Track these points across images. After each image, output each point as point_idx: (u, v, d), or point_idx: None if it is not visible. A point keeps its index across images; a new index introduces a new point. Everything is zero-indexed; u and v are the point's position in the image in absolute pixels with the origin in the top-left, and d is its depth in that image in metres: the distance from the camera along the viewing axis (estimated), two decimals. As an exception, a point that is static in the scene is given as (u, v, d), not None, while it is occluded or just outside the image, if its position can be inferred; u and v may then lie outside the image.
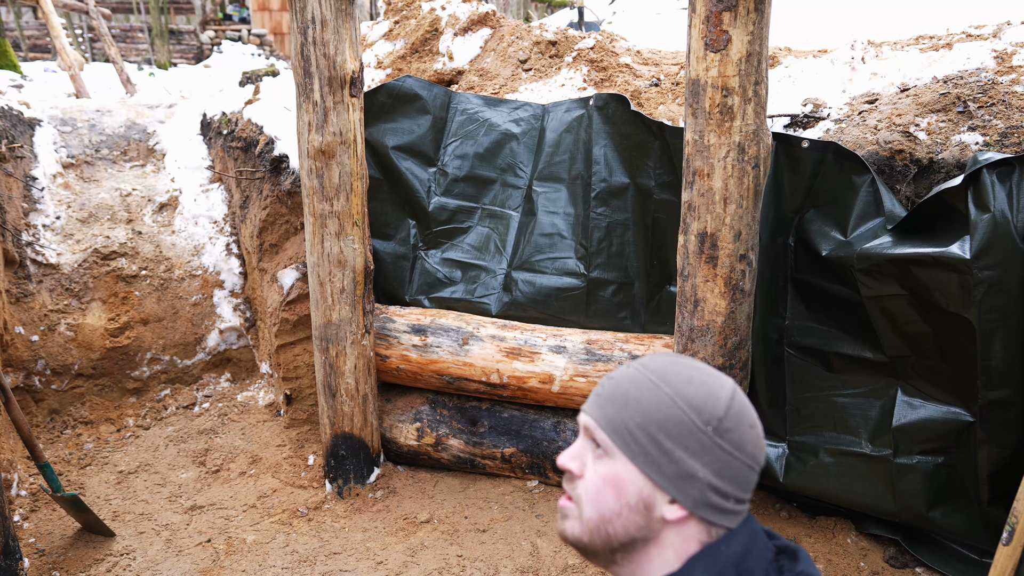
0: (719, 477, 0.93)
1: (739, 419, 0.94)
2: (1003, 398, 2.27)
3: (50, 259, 4.06)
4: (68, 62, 8.03)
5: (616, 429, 0.95)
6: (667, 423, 0.93)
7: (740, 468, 0.94)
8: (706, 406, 0.93)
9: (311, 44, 2.76)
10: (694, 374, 0.96)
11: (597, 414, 0.97)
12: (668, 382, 0.95)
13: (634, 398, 0.95)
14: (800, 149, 2.62)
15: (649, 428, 0.94)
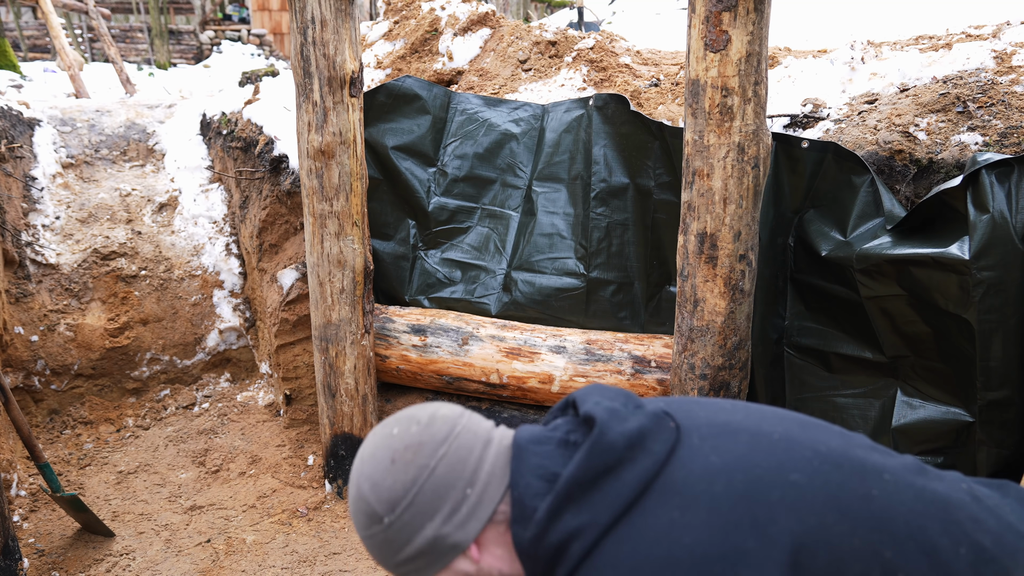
0: (440, 516, 0.94)
1: (397, 486, 0.95)
2: (1002, 398, 2.27)
3: (50, 259, 4.06)
4: (68, 62, 8.03)
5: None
6: (381, 554, 0.97)
7: (439, 492, 0.94)
8: (372, 515, 0.96)
9: (311, 44, 2.76)
10: (351, 502, 1.00)
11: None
12: (356, 526, 1.00)
13: (372, 555, 1.00)
14: (800, 149, 2.62)
15: (390, 564, 0.98)
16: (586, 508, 0.87)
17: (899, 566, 0.84)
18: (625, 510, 0.87)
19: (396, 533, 0.95)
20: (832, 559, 0.83)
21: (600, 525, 0.87)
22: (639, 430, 0.92)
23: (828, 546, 0.84)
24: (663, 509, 0.86)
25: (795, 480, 0.88)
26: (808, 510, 0.85)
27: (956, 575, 0.86)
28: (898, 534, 0.86)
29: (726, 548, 0.82)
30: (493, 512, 0.95)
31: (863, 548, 0.85)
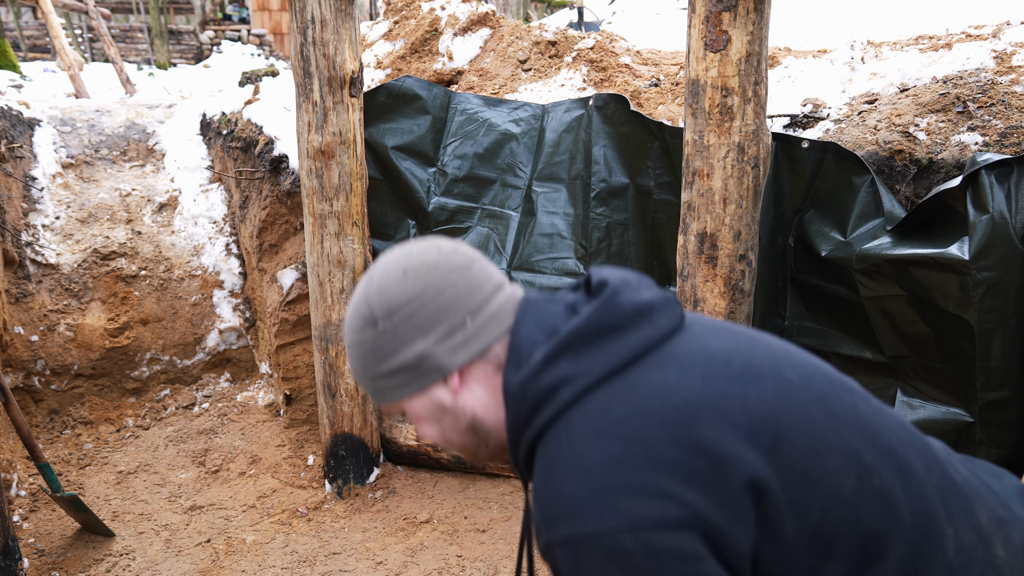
0: (434, 334, 0.94)
1: (401, 295, 0.95)
2: (1002, 398, 2.27)
3: (49, 259, 4.06)
4: (68, 62, 8.03)
5: (373, 394, 1.00)
6: (364, 362, 0.98)
7: (440, 312, 0.94)
8: (368, 318, 0.96)
9: (311, 44, 2.76)
10: (352, 305, 1.00)
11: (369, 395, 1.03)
12: (347, 330, 1.01)
13: (353, 365, 1.01)
14: (800, 149, 2.62)
15: (369, 375, 0.98)
16: (583, 359, 0.88)
17: (875, 472, 0.86)
18: (620, 367, 0.88)
19: (387, 341, 0.95)
20: (813, 450, 0.84)
21: (594, 375, 0.87)
22: (649, 302, 0.93)
23: (811, 437, 0.85)
24: (659, 371, 0.87)
25: (788, 376, 0.90)
26: (796, 403, 0.87)
27: (926, 497, 0.87)
28: (879, 446, 0.88)
29: (709, 402, 0.85)
30: (486, 348, 0.96)
31: (844, 447, 0.86)
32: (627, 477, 0.80)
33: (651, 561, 0.77)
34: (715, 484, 0.80)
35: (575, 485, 0.81)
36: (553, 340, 0.90)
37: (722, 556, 0.80)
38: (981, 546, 0.88)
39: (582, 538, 0.79)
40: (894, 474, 0.87)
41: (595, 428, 0.84)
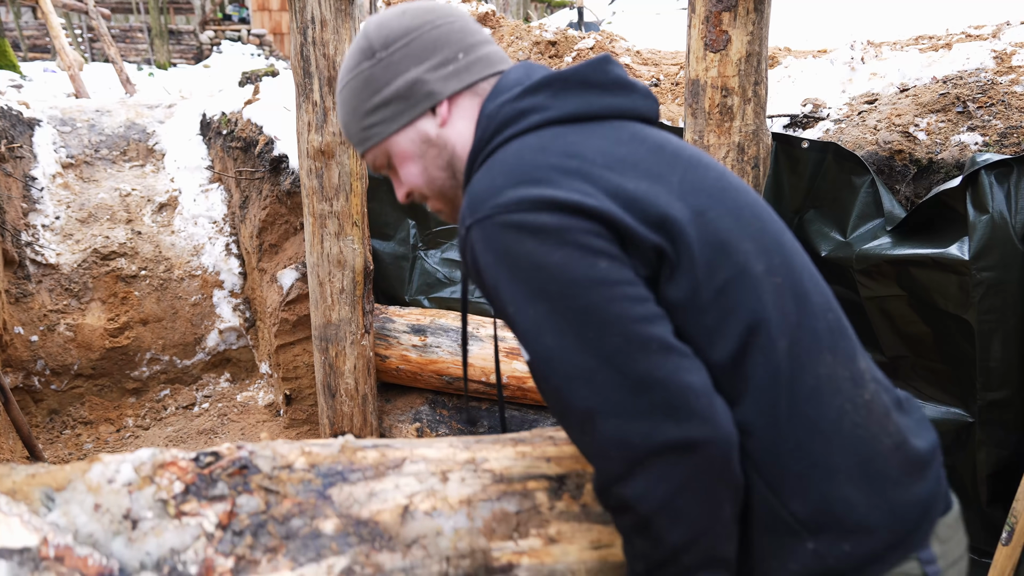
0: (428, 63, 1.01)
1: (399, 27, 1.02)
2: (1002, 399, 2.27)
3: (49, 259, 4.06)
4: (67, 62, 8.03)
5: (360, 139, 1.06)
6: (358, 98, 1.03)
7: (435, 44, 1.01)
8: (366, 50, 1.03)
9: (311, 44, 2.76)
10: (350, 47, 1.07)
11: (355, 146, 1.09)
12: (342, 73, 1.07)
13: (343, 112, 1.07)
14: (800, 149, 2.62)
15: (359, 112, 1.04)
16: (560, 97, 0.96)
17: (779, 275, 0.90)
18: (587, 116, 0.96)
19: (382, 70, 1.02)
20: (734, 229, 0.89)
21: (563, 111, 0.94)
22: (633, 83, 1.02)
23: (735, 221, 0.91)
24: (608, 131, 0.95)
25: (732, 182, 0.97)
26: (731, 196, 0.94)
27: (816, 319, 0.91)
28: (789, 265, 0.93)
29: (650, 168, 0.92)
30: (475, 83, 1.03)
31: (761, 240, 0.91)
32: (540, 174, 0.87)
33: (548, 236, 0.84)
34: (628, 205, 0.86)
35: (494, 178, 0.89)
36: (537, 77, 0.97)
37: (641, 249, 0.86)
38: (850, 383, 0.90)
39: (481, 219, 0.86)
40: (791, 292, 0.91)
41: (526, 147, 0.92)
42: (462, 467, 1.09)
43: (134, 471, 1.02)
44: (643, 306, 0.84)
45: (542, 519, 1.04)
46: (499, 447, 1.14)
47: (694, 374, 0.82)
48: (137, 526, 0.98)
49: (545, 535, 1.03)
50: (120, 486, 1.01)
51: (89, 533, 0.97)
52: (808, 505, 0.84)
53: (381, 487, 1.05)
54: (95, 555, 0.95)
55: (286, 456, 1.08)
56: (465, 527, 1.02)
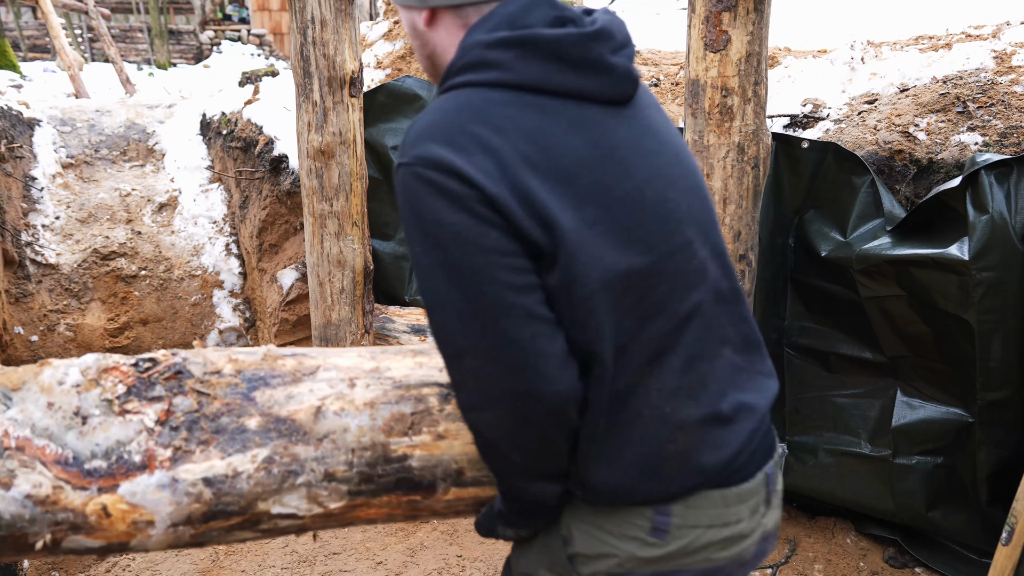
0: None
1: None
2: (1002, 399, 2.27)
3: (49, 259, 4.06)
4: (67, 62, 8.03)
5: None
6: None
7: None
8: None
9: (311, 44, 2.76)
10: None
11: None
12: None
13: None
14: (800, 149, 2.62)
15: None
16: (526, 63, 1.01)
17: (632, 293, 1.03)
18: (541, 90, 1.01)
19: None
20: (603, 253, 1.00)
21: (518, 79, 1.01)
22: (611, 64, 1.05)
23: (622, 236, 1.02)
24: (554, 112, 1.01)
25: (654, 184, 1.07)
26: (638, 207, 1.04)
27: (647, 350, 1.04)
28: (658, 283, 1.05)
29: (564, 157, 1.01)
30: (460, 6, 1.07)
31: (640, 259, 1.03)
32: (463, 140, 0.97)
33: (440, 193, 0.95)
34: (524, 201, 0.96)
35: (427, 127, 1.00)
36: (518, 33, 1.01)
37: (521, 235, 0.96)
38: (658, 394, 1.06)
39: (402, 164, 0.99)
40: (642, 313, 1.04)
41: (468, 103, 1.01)
42: (367, 375, 1.26)
43: (81, 374, 1.16)
44: (519, 276, 0.96)
45: (433, 419, 1.22)
46: (400, 357, 1.31)
47: (550, 341, 0.97)
48: (87, 422, 1.13)
49: (434, 432, 1.22)
50: (69, 387, 1.15)
51: (45, 427, 1.12)
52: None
53: (298, 391, 1.21)
54: (51, 445, 1.11)
55: (215, 363, 1.22)
56: (368, 425, 1.20)
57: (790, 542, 2.80)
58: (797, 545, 2.79)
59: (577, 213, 0.98)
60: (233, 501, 1.15)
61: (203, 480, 1.14)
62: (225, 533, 1.19)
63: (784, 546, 2.79)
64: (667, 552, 1.08)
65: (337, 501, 1.20)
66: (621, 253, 1.01)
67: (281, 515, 1.19)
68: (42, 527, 1.10)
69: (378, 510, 1.25)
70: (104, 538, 1.14)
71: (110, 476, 1.11)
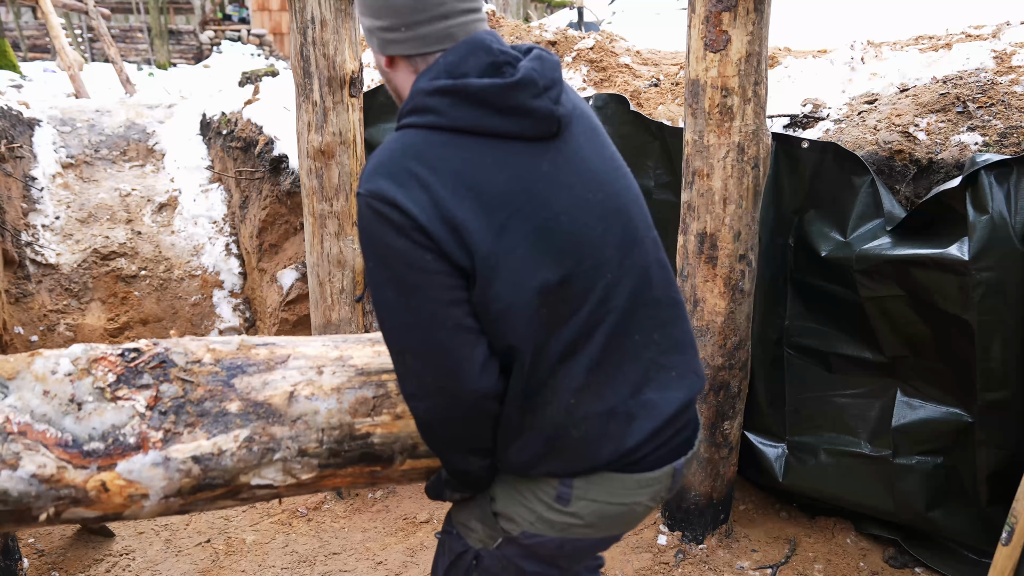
0: (378, 21, 1.24)
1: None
2: (1002, 399, 2.27)
3: (49, 259, 4.06)
4: (67, 62, 8.03)
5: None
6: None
7: (382, 10, 1.22)
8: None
9: (311, 44, 2.76)
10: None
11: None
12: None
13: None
14: (800, 149, 2.62)
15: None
16: (453, 110, 1.17)
17: (545, 306, 1.19)
18: (471, 133, 1.18)
19: (359, 5, 1.28)
20: (517, 277, 1.16)
21: (451, 122, 1.17)
22: (533, 108, 1.19)
23: (535, 261, 1.18)
24: (481, 151, 1.18)
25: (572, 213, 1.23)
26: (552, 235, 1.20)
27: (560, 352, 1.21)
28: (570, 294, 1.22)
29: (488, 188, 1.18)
30: (412, 55, 1.24)
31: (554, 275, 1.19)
32: (403, 177, 1.14)
33: (386, 222, 1.13)
34: (451, 229, 1.14)
35: (377, 162, 1.18)
36: (451, 83, 1.17)
37: (449, 260, 1.14)
38: (569, 393, 1.23)
39: (359, 193, 1.17)
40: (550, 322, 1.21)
41: (410, 144, 1.18)
42: (333, 363, 1.43)
43: (72, 364, 1.28)
44: (450, 293, 1.15)
45: (391, 402, 1.42)
46: (361, 346, 1.48)
47: (472, 348, 1.17)
48: (82, 408, 1.25)
49: (393, 413, 1.41)
50: (62, 376, 1.26)
51: (43, 413, 1.23)
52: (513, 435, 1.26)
53: (272, 378, 1.37)
54: (51, 430, 1.22)
55: (195, 352, 1.37)
56: (335, 407, 1.37)
57: (790, 542, 2.80)
58: (797, 545, 2.79)
59: (497, 239, 1.15)
60: (219, 475, 1.30)
61: (192, 458, 1.27)
62: (209, 503, 1.34)
63: (784, 546, 2.79)
64: (569, 519, 1.28)
65: (309, 473, 1.37)
66: (535, 272, 1.17)
67: (259, 486, 1.35)
68: (46, 502, 1.22)
69: (343, 479, 1.43)
70: (101, 510, 1.27)
71: (108, 456, 1.23)
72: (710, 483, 2.73)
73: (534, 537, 1.31)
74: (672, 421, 1.29)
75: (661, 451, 1.28)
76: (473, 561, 1.40)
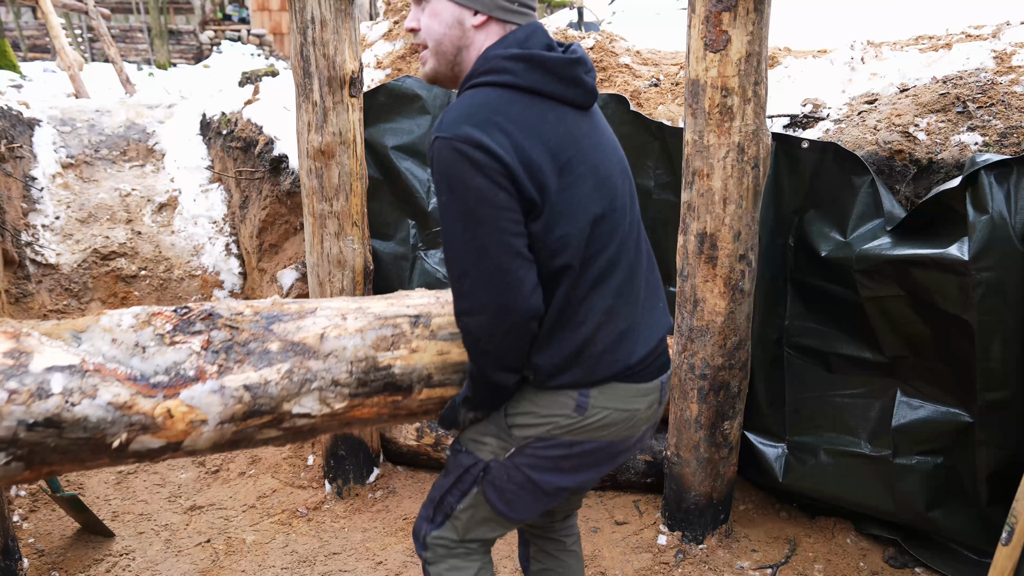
0: None
1: None
2: (1002, 399, 2.27)
3: (49, 259, 4.06)
4: (67, 62, 8.03)
5: None
6: None
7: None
8: None
9: (310, 44, 2.76)
10: None
11: None
12: None
13: None
14: (800, 149, 2.62)
15: None
16: (525, 73, 1.43)
17: (595, 238, 1.47)
18: (536, 93, 1.44)
19: None
20: (573, 209, 1.43)
21: (523, 83, 1.42)
22: (583, 81, 1.49)
23: (585, 198, 1.45)
24: (544, 109, 1.44)
25: (606, 166, 1.52)
26: (595, 180, 1.48)
27: (598, 273, 1.49)
28: (614, 229, 1.51)
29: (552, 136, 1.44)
30: (506, 22, 1.49)
31: (598, 211, 1.47)
32: (485, 123, 1.36)
33: (473, 165, 1.34)
34: (525, 165, 1.37)
35: (461, 111, 1.38)
36: (526, 52, 1.43)
37: (523, 196, 1.38)
38: (599, 307, 1.49)
39: (441, 138, 1.36)
40: (596, 249, 1.48)
41: (488, 99, 1.41)
42: (354, 311, 1.66)
43: (133, 318, 1.51)
44: (515, 225, 1.38)
45: (407, 339, 1.65)
46: (375, 300, 1.73)
47: (527, 272, 1.40)
48: (146, 351, 1.47)
49: (409, 348, 1.64)
50: (127, 327, 1.49)
51: (113, 355, 1.45)
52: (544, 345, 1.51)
53: (304, 323, 1.61)
54: (121, 367, 1.44)
55: (237, 307, 1.60)
56: (360, 344, 1.61)
57: (790, 542, 2.80)
58: (797, 545, 2.79)
59: (560, 178, 1.42)
60: (266, 403, 1.52)
61: (243, 386, 1.49)
62: (257, 431, 1.54)
63: (784, 546, 2.79)
64: (583, 424, 1.51)
65: (341, 402, 1.59)
66: (588, 205, 1.45)
67: (299, 414, 1.56)
68: (119, 428, 1.41)
69: (370, 409, 1.64)
70: (166, 437, 1.45)
71: (171, 386, 1.45)
72: (710, 483, 2.73)
73: (547, 441, 1.53)
74: (659, 344, 1.60)
75: (652, 367, 1.57)
76: (481, 472, 1.61)
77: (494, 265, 1.38)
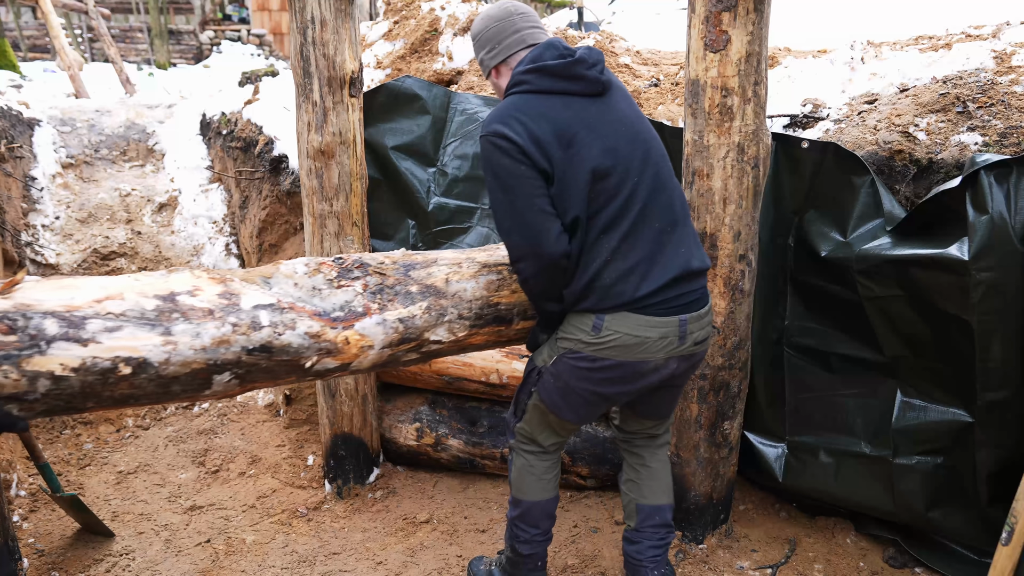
0: (483, 51, 2.11)
1: (475, 30, 2.13)
2: (1002, 399, 2.27)
3: (49, 259, 4.06)
4: (67, 62, 8.03)
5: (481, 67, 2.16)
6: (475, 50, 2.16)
7: (484, 41, 2.10)
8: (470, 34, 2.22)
9: (310, 44, 2.76)
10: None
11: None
12: None
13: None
14: (800, 149, 2.62)
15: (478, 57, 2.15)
16: (538, 79, 1.95)
17: (603, 190, 1.92)
18: (549, 92, 1.94)
19: (474, 44, 2.13)
20: (578, 173, 1.89)
21: (537, 88, 1.95)
22: (585, 75, 1.95)
23: (592, 160, 1.91)
24: (555, 101, 1.94)
25: (616, 138, 1.96)
26: (600, 151, 1.92)
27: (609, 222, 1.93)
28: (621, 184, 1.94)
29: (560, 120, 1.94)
30: (507, 58, 2.06)
31: (604, 169, 1.91)
32: (508, 120, 1.89)
33: (499, 150, 1.88)
34: (537, 144, 1.87)
35: (495, 114, 1.92)
36: (537, 65, 1.94)
37: (536, 167, 1.88)
38: (612, 251, 1.92)
39: (483, 134, 1.92)
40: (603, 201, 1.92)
41: (513, 102, 1.94)
42: (465, 261, 2.14)
43: (305, 266, 1.91)
44: (537, 190, 1.87)
45: (507, 282, 2.15)
46: (477, 252, 2.21)
47: (552, 224, 1.88)
48: (321, 292, 1.87)
49: (510, 289, 2.15)
50: (302, 274, 1.88)
51: (299, 296, 1.83)
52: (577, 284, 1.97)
53: (431, 271, 2.07)
54: (308, 305, 1.81)
55: (379, 257, 2.04)
56: (475, 286, 2.10)
57: (790, 542, 2.80)
58: (797, 545, 2.79)
59: (566, 149, 1.88)
60: (413, 332, 1.97)
61: (398, 319, 1.94)
62: (404, 354, 1.98)
63: (784, 546, 2.79)
64: (598, 341, 1.93)
65: (462, 332, 2.07)
66: (587, 162, 1.88)
67: (434, 341, 2.02)
68: (311, 353, 1.80)
69: (482, 337, 2.12)
70: (342, 360, 1.87)
71: (347, 320, 1.85)
72: (710, 483, 2.73)
73: (576, 354, 1.98)
74: (672, 284, 1.92)
75: (665, 304, 1.92)
76: (537, 375, 2.12)
77: (525, 221, 1.86)
